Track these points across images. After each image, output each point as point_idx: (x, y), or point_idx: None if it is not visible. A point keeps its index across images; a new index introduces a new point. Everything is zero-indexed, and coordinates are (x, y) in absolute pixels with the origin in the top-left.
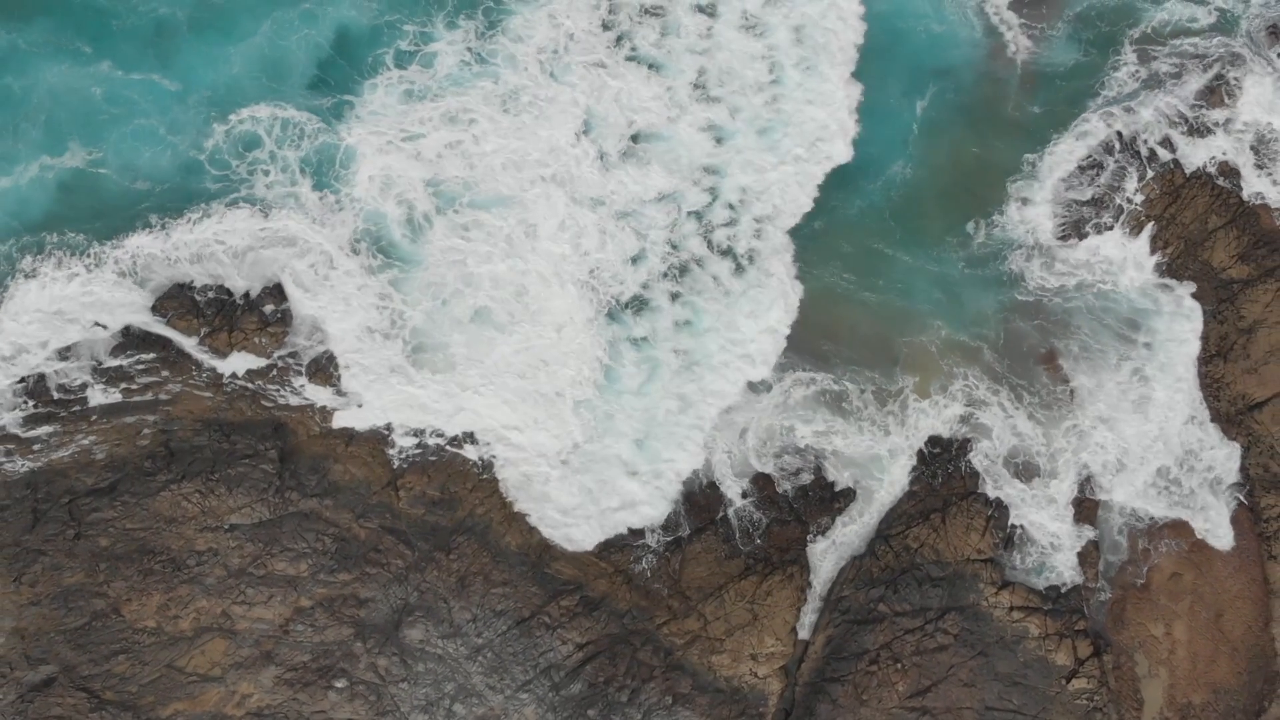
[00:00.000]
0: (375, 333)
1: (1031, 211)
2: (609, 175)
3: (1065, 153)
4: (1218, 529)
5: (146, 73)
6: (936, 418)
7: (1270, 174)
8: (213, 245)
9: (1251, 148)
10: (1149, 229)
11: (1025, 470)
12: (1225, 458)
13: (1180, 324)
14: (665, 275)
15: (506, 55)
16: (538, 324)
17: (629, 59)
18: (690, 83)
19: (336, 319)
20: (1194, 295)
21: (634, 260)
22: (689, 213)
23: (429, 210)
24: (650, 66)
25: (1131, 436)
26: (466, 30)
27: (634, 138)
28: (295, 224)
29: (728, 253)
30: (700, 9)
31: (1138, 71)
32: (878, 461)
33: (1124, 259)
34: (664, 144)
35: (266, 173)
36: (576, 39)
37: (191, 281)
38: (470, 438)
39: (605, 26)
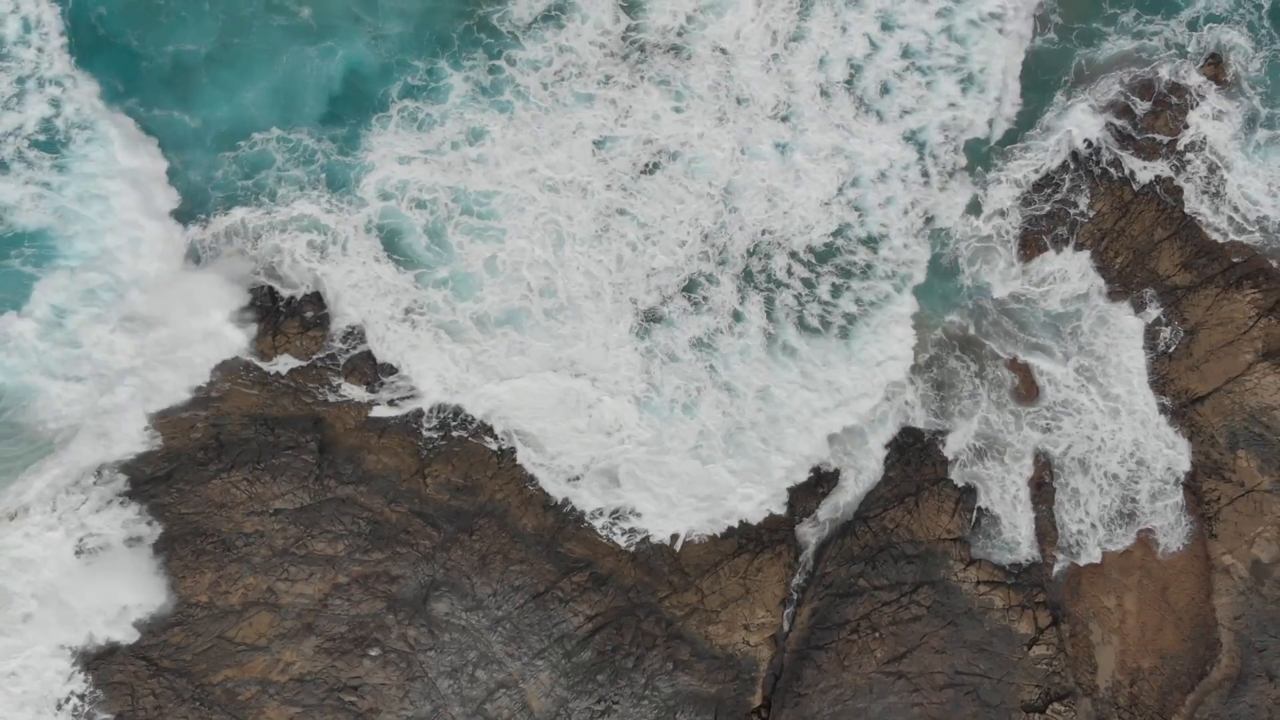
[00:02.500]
0: (405, 326)
1: (994, 224)
2: (631, 190)
3: (1023, 174)
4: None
5: (167, 109)
6: (909, 408)
7: (1208, 192)
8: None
9: (1192, 167)
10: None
11: (990, 457)
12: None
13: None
14: (690, 293)
15: (516, 85)
16: (570, 331)
17: (646, 80)
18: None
19: (371, 315)
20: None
21: (656, 273)
22: (704, 233)
23: (448, 217)
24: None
25: (1084, 428)
26: (475, 63)
27: (655, 155)
28: (312, 208)
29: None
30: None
31: (1094, 99)
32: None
33: (1077, 269)
34: (684, 162)
35: (278, 183)
36: (587, 71)
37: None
38: (490, 430)
39: (622, 57)
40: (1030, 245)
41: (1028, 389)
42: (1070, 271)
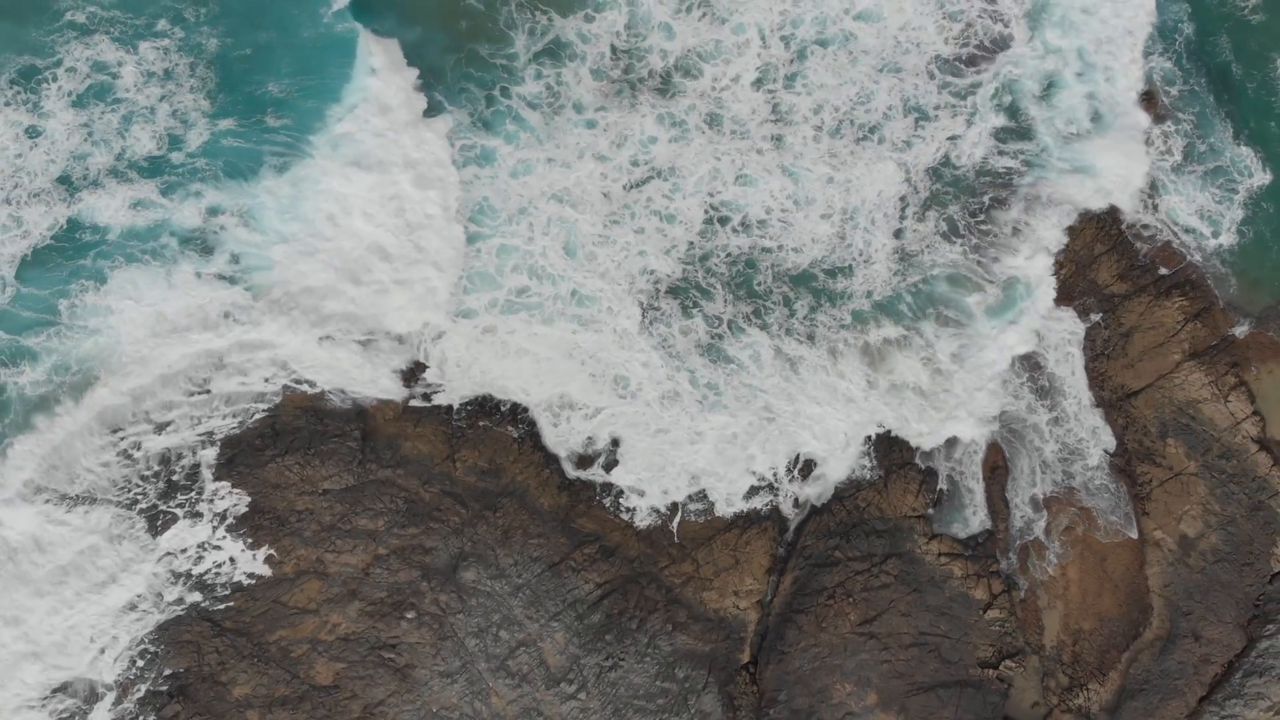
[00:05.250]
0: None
1: (961, 241)
2: (625, 201)
3: (986, 199)
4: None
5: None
6: (880, 402)
7: (1143, 210)
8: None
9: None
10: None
11: (951, 444)
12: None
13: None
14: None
15: (516, 114)
16: (586, 320)
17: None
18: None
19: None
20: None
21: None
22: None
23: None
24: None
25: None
26: (471, 93)
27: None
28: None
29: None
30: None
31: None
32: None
33: (1031, 275)
34: (674, 181)
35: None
36: (585, 103)
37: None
38: (512, 419)
39: (616, 92)
40: (989, 254)
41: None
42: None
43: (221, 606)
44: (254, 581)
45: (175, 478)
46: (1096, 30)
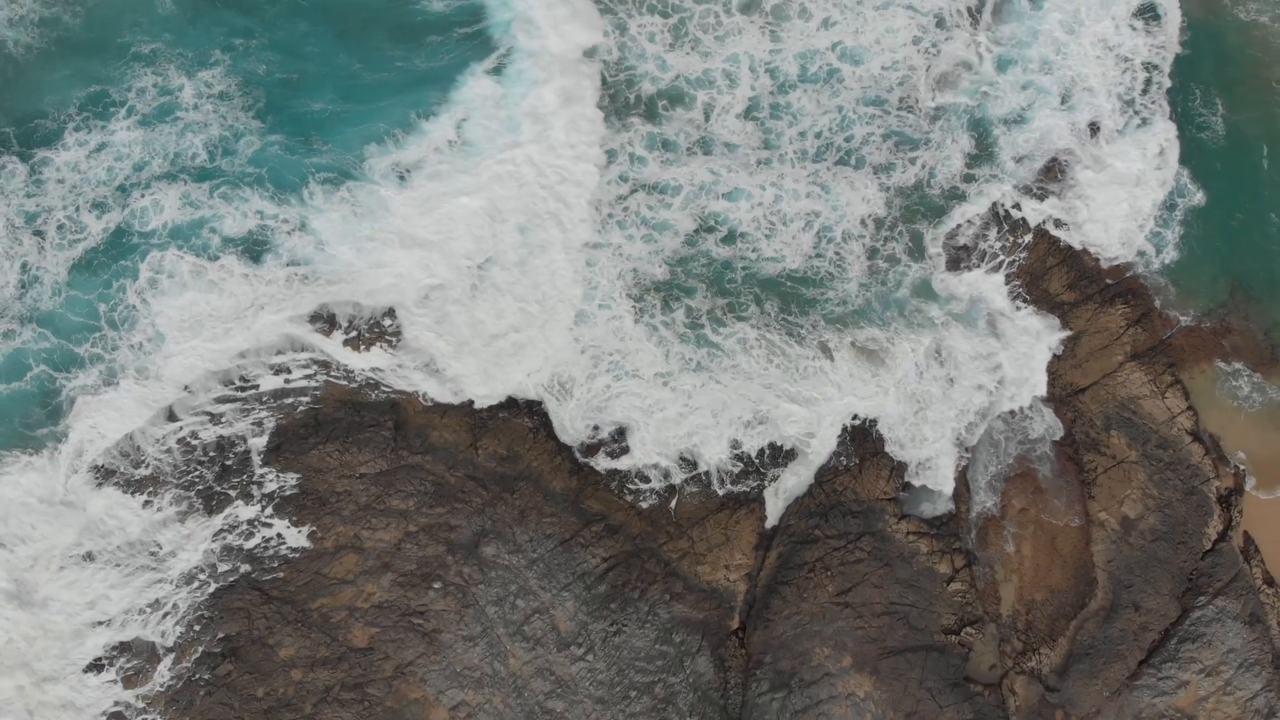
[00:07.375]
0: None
1: (929, 253)
2: (615, 211)
3: (951, 215)
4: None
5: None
6: (859, 397)
7: (1091, 226)
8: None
9: (1074, 208)
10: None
11: (921, 435)
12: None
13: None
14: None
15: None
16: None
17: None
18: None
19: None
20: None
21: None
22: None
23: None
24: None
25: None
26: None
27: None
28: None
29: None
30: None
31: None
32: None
33: (989, 285)
34: (661, 193)
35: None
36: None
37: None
38: (528, 412)
39: (606, 117)
40: (952, 266)
41: (951, 382)
42: (985, 288)
43: (269, 577)
44: (298, 555)
45: (229, 463)
46: (1071, 66)
